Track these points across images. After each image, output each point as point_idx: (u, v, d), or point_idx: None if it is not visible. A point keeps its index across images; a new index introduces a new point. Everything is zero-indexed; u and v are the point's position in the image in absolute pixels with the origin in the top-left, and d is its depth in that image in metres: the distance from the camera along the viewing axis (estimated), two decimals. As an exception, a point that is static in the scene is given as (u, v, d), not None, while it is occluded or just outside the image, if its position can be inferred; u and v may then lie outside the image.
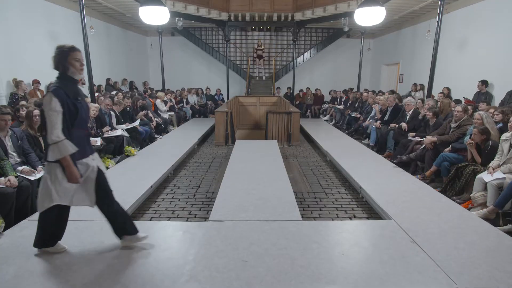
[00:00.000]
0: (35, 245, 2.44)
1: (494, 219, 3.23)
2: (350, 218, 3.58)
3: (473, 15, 7.57)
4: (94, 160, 2.40)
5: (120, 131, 5.76)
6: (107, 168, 4.73)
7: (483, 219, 3.14)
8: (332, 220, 3.51)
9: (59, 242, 2.49)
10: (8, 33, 6.40)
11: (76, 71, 2.25)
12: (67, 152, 2.12)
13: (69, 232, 2.80)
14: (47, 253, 2.46)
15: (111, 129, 5.56)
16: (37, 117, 3.90)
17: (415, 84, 9.46)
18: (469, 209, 3.49)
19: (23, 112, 4.13)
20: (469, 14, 7.71)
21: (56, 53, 2.23)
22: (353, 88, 11.52)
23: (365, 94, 8.89)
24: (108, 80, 9.88)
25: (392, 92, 8.97)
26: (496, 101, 6.54)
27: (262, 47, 12.97)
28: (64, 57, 2.21)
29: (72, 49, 2.24)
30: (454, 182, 4.00)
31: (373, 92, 9.58)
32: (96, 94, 6.66)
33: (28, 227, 2.88)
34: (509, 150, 3.52)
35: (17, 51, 6.64)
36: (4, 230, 2.78)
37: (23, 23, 6.79)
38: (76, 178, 2.20)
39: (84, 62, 2.31)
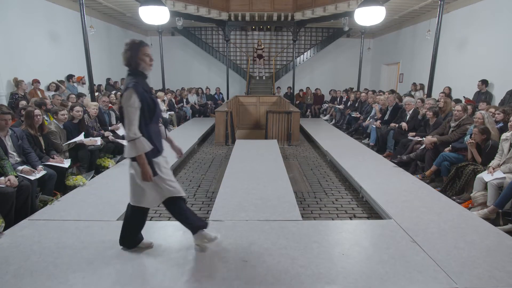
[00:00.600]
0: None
1: (494, 219, 3.23)
2: (350, 218, 3.58)
3: (473, 15, 7.57)
4: (164, 157, 2.38)
5: (122, 130, 5.76)
6: (107, 167, 4.73)
7: (483, 219, 3.14)
8: (332, 219, 3.51)
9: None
10: (8, 32, 6.40)
11: (147, 66, 2.23)
12: (143, 150, 2.10)
13: (69, 231, 2.81)
14: (47, 253, 2.46)
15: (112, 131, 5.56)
16: (38, 116, 3.90)
17: (414, 84, 9.46)
18: (469, 208, 3.49)
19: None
20: (469, 14, 7.70)
21: (127, 49, 2.18)
22: (353, 88, 11.52)
23: (364, 94, 8.89)
24: (108, 80, 9.88)
25: (392, 91, 8.97)
26: (496, 101, 6.53)
27: (262, 46, 12.97)
28: (135, 53, 2.17)
29: (142, 44, 2.21)
30: (454, 181, 3.99)
31: (373, 91, 9.57)
32: (96, 93, 6.66)
33: (28, 226, 2.88)
34: (509, 150, 3.52)
35: (17, 50, 6.64)
36: (4, 230, 2.78)
37: (24, 23, 6.79)
38: (150, 177, 2.16)
39: (153, 58, 2.30)
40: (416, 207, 3.38)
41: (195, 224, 2.45)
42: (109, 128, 5.28)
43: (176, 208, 2.39)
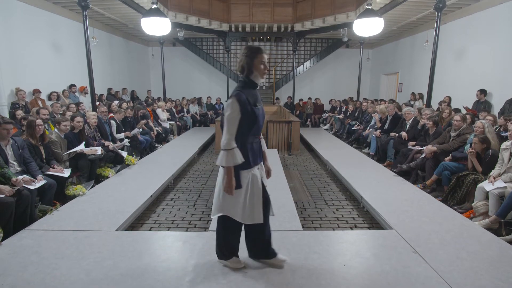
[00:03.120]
0: (217, 254, 2.43)
1: (496, 229, 3.20)
2: (351, 228, 3.55)
3: (470, 26, 7.67)
4: (258, 169, 2.25)
5: (125, 140, 5.79)
6: (107, 177, 4.72)
7: (486, 229, 3.11)
8: (333, 230, 3.48)
9: (238, 258, 2.39)
10: (11, 42, 6.49)
11: (259, 75, 2.12)
12: (234, 162, 2.04)
13: (68, 242, 2.79)
14: (45, 264, 2.43)
15: (112, 140, 5.58)
16: (40, 126, 3.92)
17: (413, 93, 9.52)
18: (471, 218, 3.46)
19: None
20: (466, 25, 7.81)
21: (244, 55, 2.08)
22: (352, 98, 11.58)
23: (364, 103, 8.93)
24: (109, 89, 9.96)
25: (392, 101, 9.01)
26: (495, 110, 6.56)
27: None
28: (251, 60, 2.06)
29: (260, 51, 2.09)
30: (455, 191, 3.98)
31: (372, 101, 9.62)
32: (97, 103, 6.70)
33: (27, 237, 2.86)
34: (509, 159, 3.52)
35: (20, 60, 6.71)
36: (2, 240, 2.76)
37: (27, 33, 6.89)
38: (231, 189, 2.07)
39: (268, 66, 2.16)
40: (417, 217, 3.36)
41: (223, 250, 2.39)
42: (105, 144, 5.27)
43: (220, 225, 2.28)
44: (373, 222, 3.64)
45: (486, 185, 3.47)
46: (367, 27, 7.13)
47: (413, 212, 3.47)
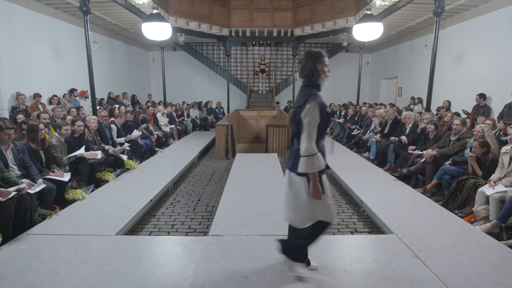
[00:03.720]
0: (291, 257, 2.29)
1: (497, 233, 3.19)
2: (352, 233, 3.53)
3: (469, 30, 7.71)
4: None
5: (126, 144, 5.80)
6: (107, 181, 4.72)
7: (486, 233, 3.10)
8: (333, 234, 3.46)
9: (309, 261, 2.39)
10: (13, 47, 6.52)
11: (325, 77, 2.15)
12: (319, 167, 2.03)
13: (67, 246, 2.78)
14: (44, 269, 2.42)
15: (112, 144, 5.59)
16: (42, 130, 3.93)
17: (413, 98, 9.54)
18: (471, 223, 3.45)
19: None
20: (465, 29, 7.85)
21: (308, 60, 2.12)
22: (351, 102, 11.59)
23: (364, 108, 8.95)
24: (109, 93, 9.98)
25: (392, 105, 9.03)
26: (495, 114, 6.57)
27: (266, 61, 13.08)
28: (318, 64, 2.11)
29: (323, 54, 2.14)
30: (455, 195, 3.97)
31: (371, 105, 9.64)
32: (98, 107, 6.72)
33: (26, 241, 2.85)
34: (509, 163, 3.51)
35: (21, 65, 6.74)
36: (1, 244, 2.75)
37: (28, 38, 6.93)
38: (320, 194, 2.07)
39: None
40: (418, 221, 3.35)
41: (302, 256, 2.34)
42: (105, 147, 5.25)
43: (312, 229, 2.20)
44: (374, 226, 3.62)
45: (487, 189, 3.46)
46: (366, 32, 7.17)
47: (413, 217, 3.46)
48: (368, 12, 7.13)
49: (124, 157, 5.39)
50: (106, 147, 5.26)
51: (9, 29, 6.42)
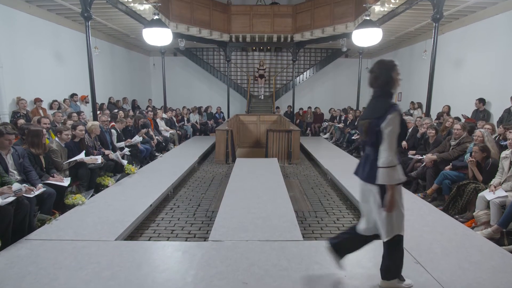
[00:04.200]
0: (385, 277, 2.26)
1: (498, 239, 3.18)
2: (352, 238, 3.51)
3: (467, 36, 7.77)
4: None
5: (126, 149, 5.80)
6: (107, 186, 4.71)
7: (487, 239, 3.09)
8: (334, 239, 3.45)
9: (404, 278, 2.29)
10: (15, 52, 6.57)
11: (398, 86, 2.18)
12: (398, 180, 2.02)
13: (66, 251, 2.76)
14: (43, 274, 2.40)
15: (112, 149, 5.59)
16: (45, 135, 3.94)
17: (412, 102, 9.57)
18: (472, 228, 3.44)
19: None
20: (463, 35, 7.91)
21: (384, 70, 2.14)
22: (350, 107, 11.62)
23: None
24: (110, 98, 10.02)
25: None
26: (494, 119, 6.58)
27: (264, 66, 13.12)
28: (393, 72, 2.14)
29: (396, 63, 2.18)
30: (456, 200, 3.96)
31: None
32: (98, 112, 6.74)
33: (25, 246, 2.84)
34: (509, 168, 3.51)
35: (23, 70, 6.78)
36: (0, 250, 2.73)
37: (30, 44, 6.98)
38: (393, 208, 2.06)
39: None
40: (418, 226, 3.33)
41: (397, 270, 2.25)
42: (105, 153, 5.23)
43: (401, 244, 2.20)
44: (374, 231, 3.61)
45: (487, 194, 3.46)
46: (365, 37, 7.23)
47: (414, 222, 3.44)
48: (367, 18, 7.19)
49: (124, 162, 5.39)
50: (106, 152, 5.26)
51: (11, 35, 6.47)
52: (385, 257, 2.23)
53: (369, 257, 2.76)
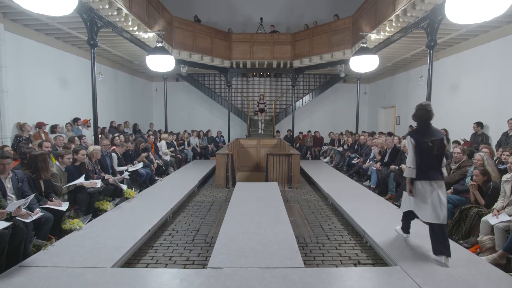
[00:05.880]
0: (436, 252, 3.07)
1: (505, 264, 3.10)
2: (355, 265, 3.43)
3: (462, 62, 7.98)
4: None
5: (125, 173, 5.79)
6: (105, 210, 4.65)
7: (493, 265, 3.01)
8: (336, 266, 3.36)
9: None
10: (21, 79, 6.73)
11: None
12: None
13: (61, 279, 2.69)
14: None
15: (112, 173, 5.58)
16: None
17: (411, 126, 9.64)
18: (477, 253, 3.36)
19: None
20: (458, 61, 8.13)
21: (421, 110, 3.22)
22: (348, 131, 11.72)
23: (362, 137, 9.03)
24: (111, 122, 10.13)
25: (390, 134, 9.12)
26: (493, 142, 6.61)
27: (264, 100, 13.08)
28: (426, 113, 3.21)
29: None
30: (459, 225, 3.90)
31: (369, 134, 9.72)
32: (100, 136, 6.79)
33: (18, 274, 2.76)
34: (511, 192, 3.49)
35: (28, 95, 6.91)
36: (-7, 277, 2.66)
37: (37, 70, 7.17)
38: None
39: None
40: (422, 252, 3.26)
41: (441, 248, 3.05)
42: (105, 177, 5.21)
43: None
44: (377, 258, 3.52)
45: (490, 219, 3.41)
46: (363, 63, 7.44)
47: (417, 247, 3.37)
48: (364, 45, 7.44)
49: (124, 186, 5.37)
50: (106, 176, 5.24)
51: (18, 61, 6.66)
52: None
53: (372, 286, 2.67)
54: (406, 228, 3.62)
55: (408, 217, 3.53)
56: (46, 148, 4.82)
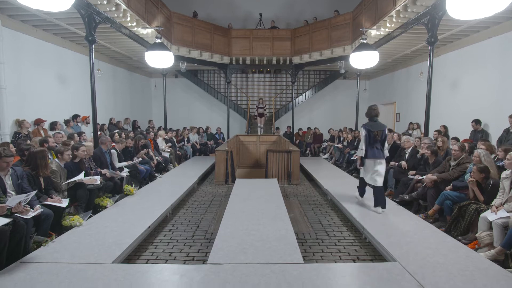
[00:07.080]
0: (375, 205, 4.46)
1: (503, 260, 3.12)
2: (354, 260, 3.45)
3: (462, 58, 7.96)
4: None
5: (125, 170, 5.79)
6: (105, 207, 4.66)
7: (491, 261, 3.03)
8: (335, 262, 3.38)
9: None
10: (20, 75, 6.69)
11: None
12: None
13: (61, 275, 2.70)
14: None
15: (112, 168, 5.58)
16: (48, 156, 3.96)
17: (411, 123, 9.65)
18: (476, 249, 3.38)
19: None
20: (459, 57, 8.10)
21: (370, 110, 4.60)
22: (347, 128, 11.71)
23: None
24: (111, 119, 10.11)
25: (390, 130, 9.11)
26: (493, 139, 6.62)
27: (264, 105, 12.93)
28: (373, 112, 4.57)
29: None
30: (458, 221, 3.91)
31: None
32: (99, 132, 6.78)
33: (19, 270, 2.77)
34: (510, 188, 3.50)
35: (26, 91, 6.88)
36: (-6, 274, 2.67)
37: (35, 66, 7.13)
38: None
39: None
40: (421, 248, 3.28)
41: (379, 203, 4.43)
42: (102, 172, 5.20)
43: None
44: (376, 253, 3.54)
45: (489, 215, 3.42)
46: (363, 60, 7.41)
47: (416, 244, 3.39)
48: (364, 41, 7.40)
49: (123, 174, 5.39)
50: (103, 171, 5.24)
51: (16, 57, 6.62)
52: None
53: (371, 281, 2.69)
54: (361, 193, 4.91)
55: (363, 184, 4.82)
56: (52, 144, 4.81)
